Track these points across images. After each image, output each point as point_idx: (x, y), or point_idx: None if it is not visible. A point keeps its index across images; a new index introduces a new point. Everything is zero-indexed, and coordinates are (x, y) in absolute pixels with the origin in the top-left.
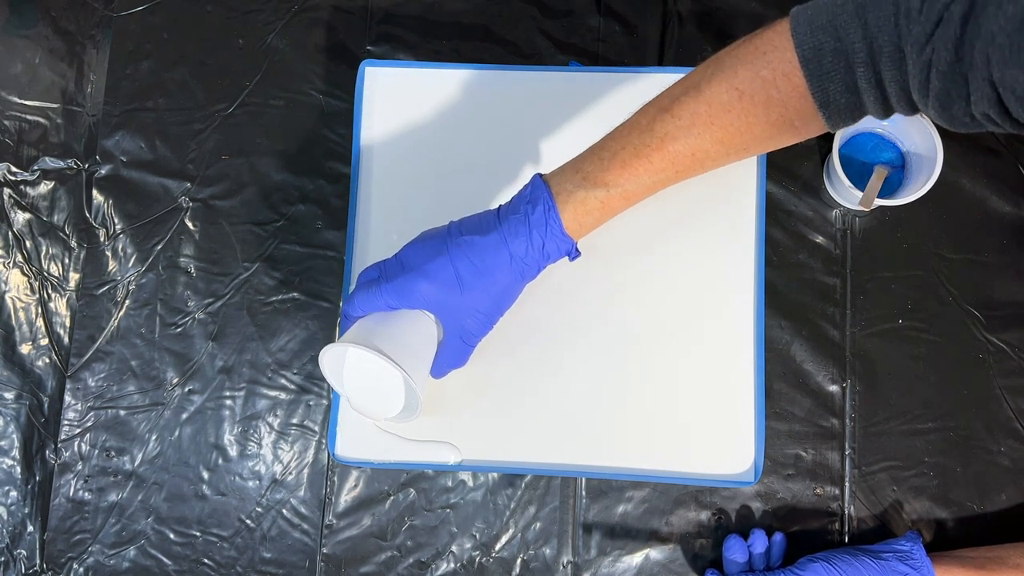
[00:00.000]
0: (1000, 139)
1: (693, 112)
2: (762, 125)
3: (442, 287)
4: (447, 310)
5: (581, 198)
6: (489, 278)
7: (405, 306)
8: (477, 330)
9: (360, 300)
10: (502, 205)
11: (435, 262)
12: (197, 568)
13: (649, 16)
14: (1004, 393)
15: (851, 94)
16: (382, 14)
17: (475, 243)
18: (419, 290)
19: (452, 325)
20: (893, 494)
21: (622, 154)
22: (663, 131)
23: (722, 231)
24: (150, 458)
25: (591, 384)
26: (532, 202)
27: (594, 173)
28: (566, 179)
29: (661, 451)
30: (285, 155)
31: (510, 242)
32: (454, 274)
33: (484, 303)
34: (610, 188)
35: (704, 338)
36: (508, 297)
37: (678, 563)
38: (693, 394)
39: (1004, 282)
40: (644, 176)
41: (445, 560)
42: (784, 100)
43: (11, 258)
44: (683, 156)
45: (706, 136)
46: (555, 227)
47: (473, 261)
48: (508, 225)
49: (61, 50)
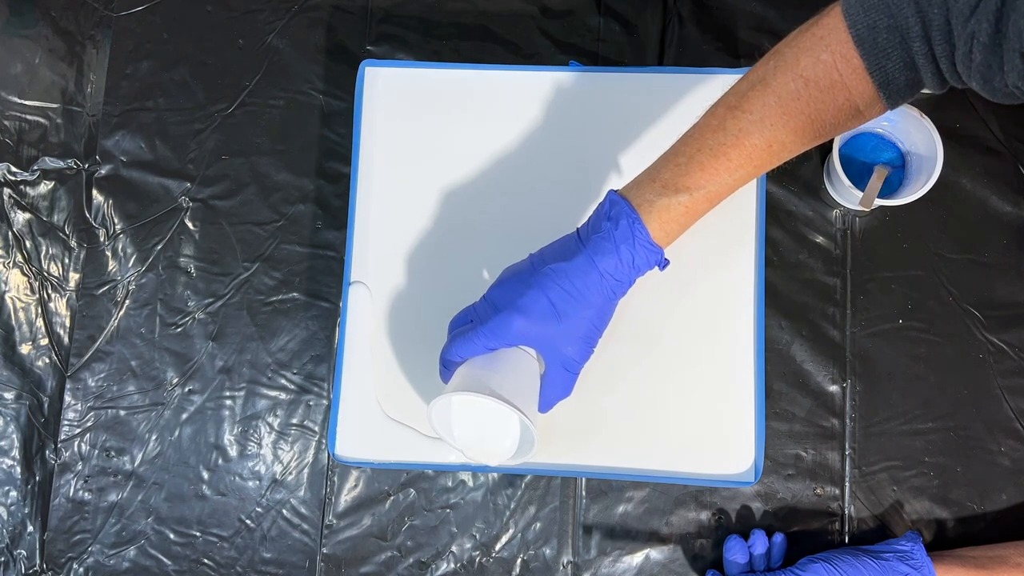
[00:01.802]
0: (1000, 139)
1: (763, 105)
2: (831, 110)
3: (538, 320)
4: (546, 342)
5: (664, 206)
6: (583, 302)
7: (503, 345)
8: (579, 357)
9: (458, 347)
10: (580, 226)
11: (526, 296)
12: (197, 568)
13: (649, 16)
14: (1004, 393)
15: (909, 70)
16: (382, 14)
17: (563, 269)
18: (515, 327)
19: (553, 356)
20: (893, 494)
21: (699, 156)
22: (737, 128)
23: (722, 231)
24: (150, 458)
25: (591, 384)
26: (613, 218)
27: (673, 179)
28: (645, 189)
29: (661, 451)
30: (285, 155)
31: (598, 262)
32: (548, 305)
33: (581, 328)
34: (692, 192)
35: (704, 338)
36: (604, 318)
37: (678, 563)
38: (693, 394)
39: (1004, 282)
40: (724, 175)
41: (445, 560)
42: (846, 83)
43: (11, 258)
44: (760, 150)
45: (779, 127)
46: (643, 239)
47: (564, 288)
48: (593, 245)
49: (61, 50)
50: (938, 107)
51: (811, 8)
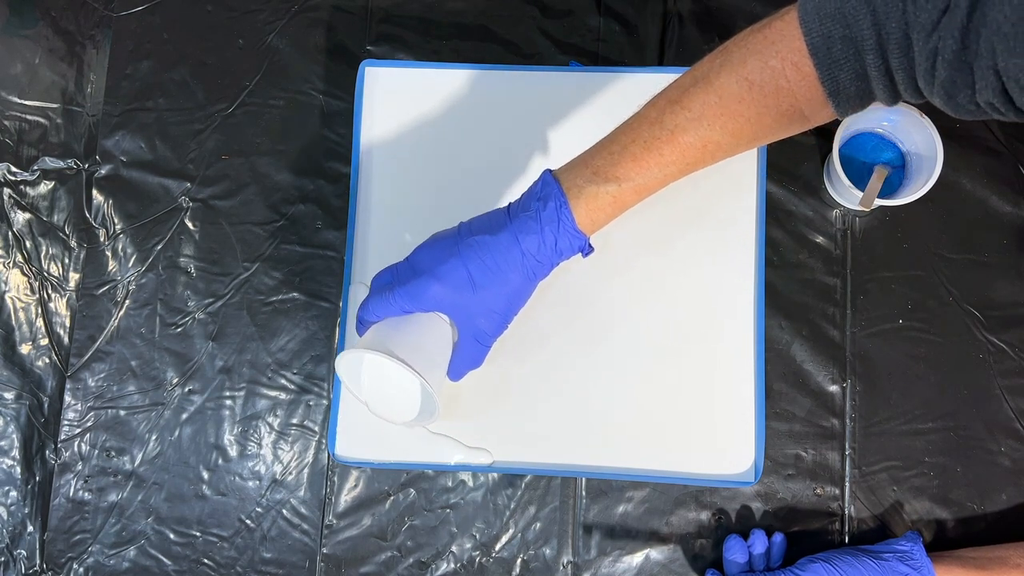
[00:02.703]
0: (1000, 139)
1: (703, 103)
2: (772, 115)
3: (454, 289)
4: (460, 311)
5: (593, 193)
6: (501, 277)
7: (419, 309)
8: (491, 330)
9: (375, 305)
10: (512, 203)
11: (447, 264)
12: (197, 568)
13: (649, 16)
14: (1004, 393)
15: (860, 81)
16: (382, 14)
17: (486, 243)
18: (431, 293)
19: (466, 326)
20: (893, 494)
21: (632, 148)
22: (673, 123)
23: (722, 231)
24: (150, 458)
25: (591, 384)
26: (543, 199)
27: (605, 167)
28: (576, 174)
29: (661, 451)
30: (285, 155)
31: (522, 240)
32: (466, 275)
33: (497, 303)
34: (621, 182)
35: (704, 338)
36: (521, 296)
37: (678, 563)
38: (693, 394)
39: (1004, 282)
40: (655, 169)
41: (445, 560)
42: (794, 89)
43: (11, 258)
44: (694, 148)
45: (717, 127)
46: (568, 223)
47: (485, 261)
48: (519, 223)
49: (61, 50)
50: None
51: None
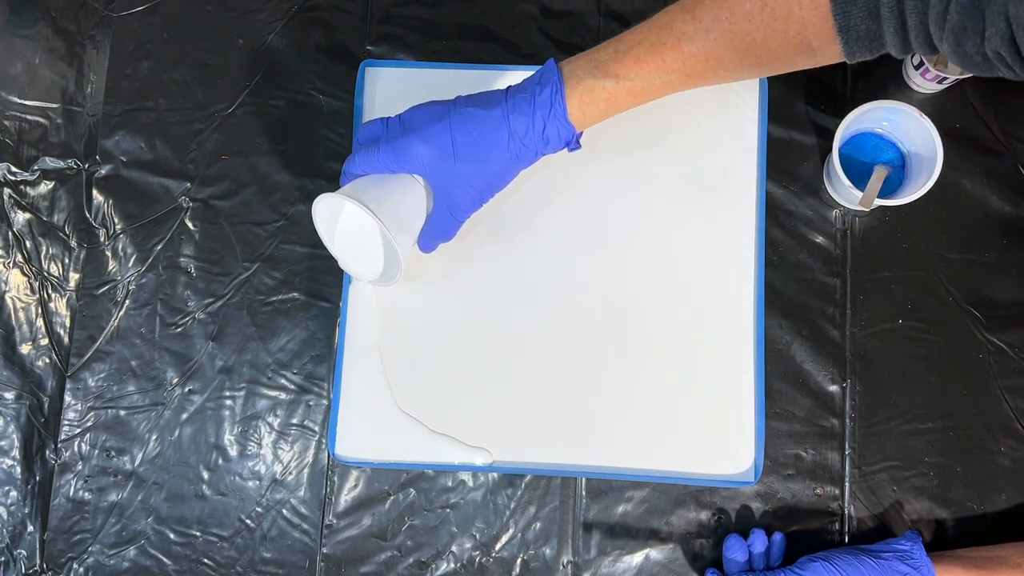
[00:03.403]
0: (1000, 139)
1: (714, 17)
2: (780, 40)
3: (438, 153)
4: (439, 178)
5: (589, 86)
6: (484, 152)
7: (401, 167)
8: (466, 205)
9: (360, 159)
10: (512, 84)
11: (435, 127)
12: (197, 568)
13: (649, 16)
14: (1004, 393)
15: (872, 20)
16: (382, 14)
17: (476, 115)
18: (415, 152)
19: (442, 194)
20: (893, 494)
21: (637, 49)
22: (681, 31)
23: (722, 231)
24: (150, 458)
25: (591, 384)
26: (541, 83)
27: (606, 63)
28: (578, 66)
29: (661, 451)
30: (285, 155)
31: (511, 119)
32: (451, 142)
33: (476, 177)
34: (620, 80)
35: (704, 338)
36: (501, 177)
37: (678, 563)
38: (693, 394)
39: (1004, 282)
40: (655, 74)
41: (445, 560)
42: (805, 17)
43: (11, 258)
44: (696, 59)
45: (723, 43)
46: (559, 111)
47: (471, 132)
48: (513, 103)
49: (61, 50)
50: (938, 107)
51: None
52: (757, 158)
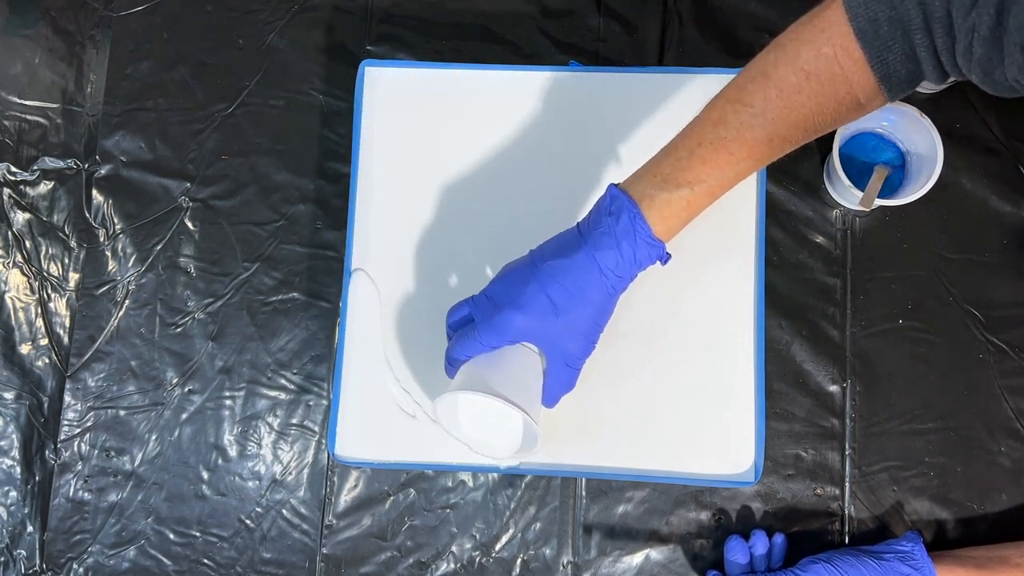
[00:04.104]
0: (1000, 139)
1: (765, 99)
2: (832, 104)
3: (538, 316)
4: (546, 338)
5: (665, 200)
6: (583, 298)
7: (505, 343)
8: (580, 352)
9: (462, 346)
10: (581, 221)
11: (526, 293)
12: (197, 568)
13: (649, 16)
14: (1004, 393)
15: (911, 63)
16: (382, 14)
17: (563, 266)
18: (515, 324)
19: (554, 352)
20: (893, 494)
21: (700, 151)
22: (738, 122)
23: (722, 231)
24: (150, 458)
25: (591, 384)
26: (614, 213)
27: (674, 173)
28: (645, 184)
29: (661, 451)
30: (285, 155)
31: (599, 258)
32: (547, 301)
33: (582, 324)
34: (694, 186)
35: (704, 338)
36: (604, 313)
37: (678, 563)
38: (693, 394)
39: (1004, 282)
40: (726, 169)
41: (445, 560)
42: (848, 76)
43: (11, 258)
44: (761, 143)
45: (781, 121)
46: (644, 234)
47: (564, 284)
48: (594, 240)
49: (61, 50)
50: (938, 107)
51: (811, 8)
52: None
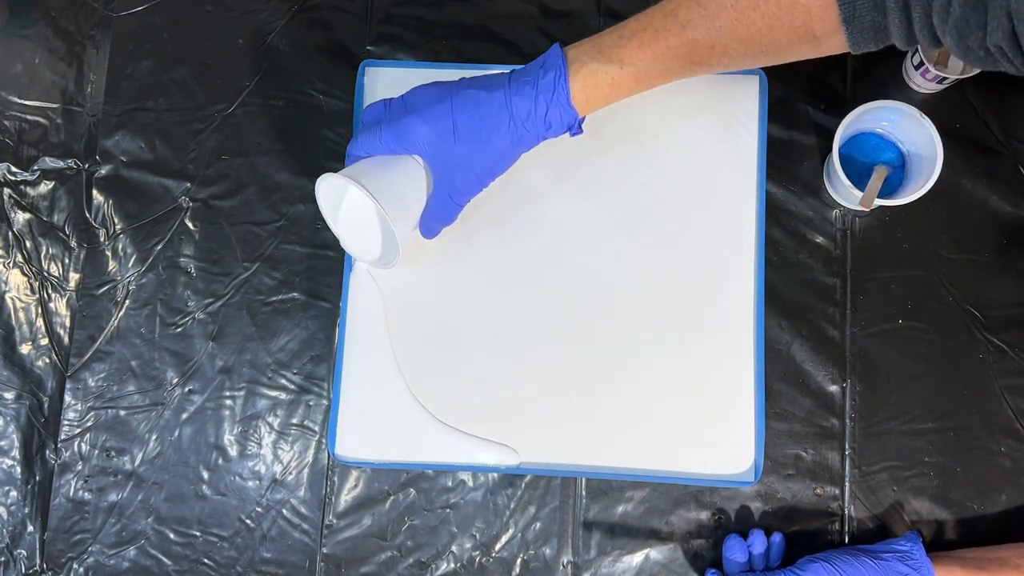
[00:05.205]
0: (1000, 139)
1: (719, 4)
2: (785, 29)
3: (438, 134)
4: (440, 160)
5: (593, 70)
6: (485, 135)
7: (402, 148)
8: (466, 188)
9: (363, 141)
10: (516, 68)
11: (436, 108)
12: (197, 568)
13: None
14: (1004, 393)
15: (877, 12)
16: (382, 14)
17: (478, 96)
18: (415, 133)
19: (442, 178)
20: (893, 494)
21: (641, 34)
22: (686, 18)
23: (722, 231)
24: (150, 458)
25: (591, 384)
26: (545, 67)
27: (610, 48)
28: (583, 51)
29: (661, 451)
30: (285, 155)
31: (513, 102)
32: (451, 123)
33: (476, 160)
34: (623, 65)
35: (704, 338)
36: (502, 161)
37: (678, 563)
38: (693, 394)
39: (1004, 282)
40: (659, 60)
41: (445, 560)
42: (810, 6)
43: (11, 258)
44: (701, 46)
45: (727, 31)
46: (562, 94)
47: (472, 114)
48: (516, 86)
49: (61, 50)
50: (938, 107)
51: None
52: (757, 158)
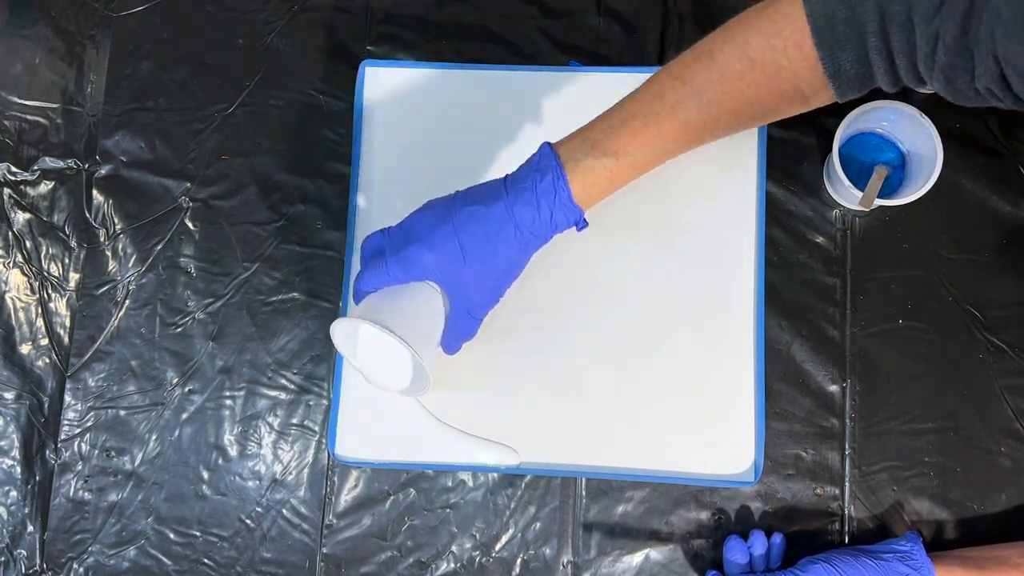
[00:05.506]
0: (1000, 139)
1: (705, 80)
2: (773, 95)
3: (446, 258)
4: (452, 282)
5: (590, 167)
6: (493, 250)
7: (411, 278)
8: (483, 303)
9: (369, 276)
10: (509, 174)
11: (439, 232)
12: (197, 568)
13: (649, 16)
14: (1004, 393)
15: (861, 64)
16: (382, 14)
17: (480, 214)
18: (423, 262)
19: (458, 298)
20: (893, 494)
21: (632, 123)
22: (674, 99)
23: (722, 231)
24: (150, 458)
25: (591, 384)
26: (541, 171)
27: (603, 141)
28: (575, 147)
29: (661, 451)
30: (285, 155)
31: (516, 213)
32: (458, 246)
33: (489, 276)
34: (619, 157)
35: (704, 338)
36: (514, 269)
37: (678, 563)
38: (693, 394)
39: (1004, 282)
40: (654, 144)
41: (445, 560)
42: (795, 70)
43: (11, 258)
44: (694, 125)
45: (718, 105)
46: (564, 196)
47: (477, 233)
48: (515, 195)
49: (61, 50)
50: (938, 107)
51: None
52: (757, 158)
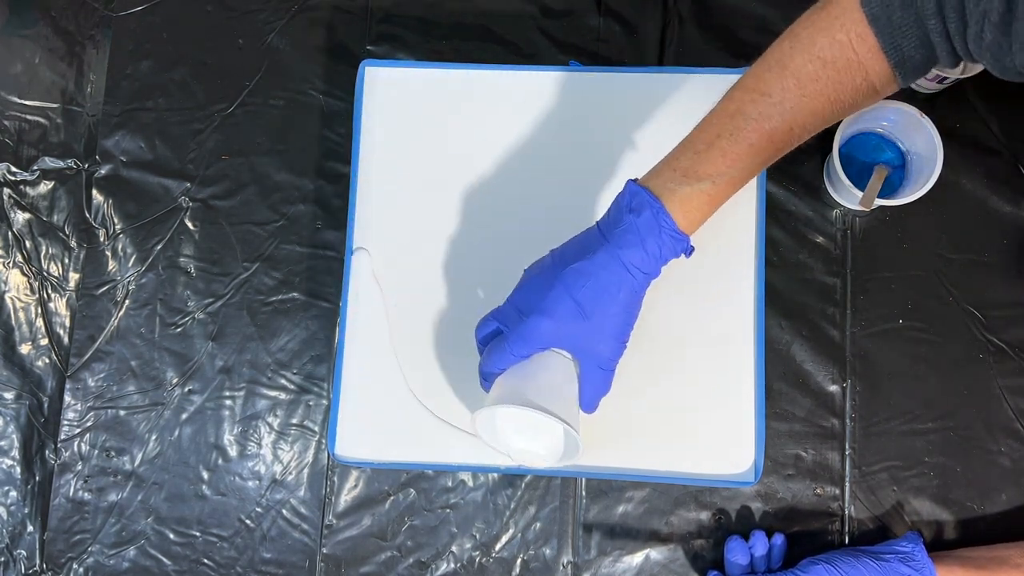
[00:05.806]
0: (1000, 139)
1: (782, 88)
2: (849, 90)
3: (565, 321)
4: (577, 342)
5: (687, 195)
6: (609, 298)
7: (534, 351)
8: (612, 354)
9: (494, 359)
10: (600, 220)
11: (550, 297)
12: (197, 568)
13: (649, 16)
14: (1004, 393)
15: (924, 48)
16: (382, 14)
17: (586, 267)
18: (543, 331)
19: (586, 356)
20: (893, 494)
21: (719, 143)
22: (756, 112)
23: (722, 231)
24: (150, 458)
25: None
26: (635, 209)
27: (694, 167)
28: (665, 179)
29: (661, 451)
30: (285, 155)
31: (622, 255)
32: (574, 305)
33: (611, 325)
34: (715, 179)
35: (704, 338)
36: (632, 311)
37: (678, 563)
38: (693, 394)
39: (1004, 282)
40: (747, 159)
41: (445, 560)
42: (863, 62)
43: (11, 258)
44: (781, 133)
45: (799, 109)
46: (668, 228)
47: (589, 286)
48: (616, 239)
49: (61, 50)
50: (938, 107)
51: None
52: None
